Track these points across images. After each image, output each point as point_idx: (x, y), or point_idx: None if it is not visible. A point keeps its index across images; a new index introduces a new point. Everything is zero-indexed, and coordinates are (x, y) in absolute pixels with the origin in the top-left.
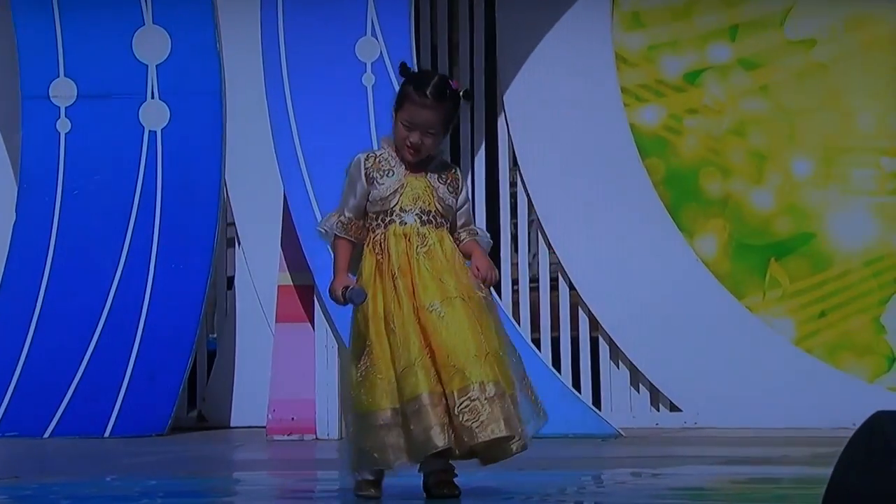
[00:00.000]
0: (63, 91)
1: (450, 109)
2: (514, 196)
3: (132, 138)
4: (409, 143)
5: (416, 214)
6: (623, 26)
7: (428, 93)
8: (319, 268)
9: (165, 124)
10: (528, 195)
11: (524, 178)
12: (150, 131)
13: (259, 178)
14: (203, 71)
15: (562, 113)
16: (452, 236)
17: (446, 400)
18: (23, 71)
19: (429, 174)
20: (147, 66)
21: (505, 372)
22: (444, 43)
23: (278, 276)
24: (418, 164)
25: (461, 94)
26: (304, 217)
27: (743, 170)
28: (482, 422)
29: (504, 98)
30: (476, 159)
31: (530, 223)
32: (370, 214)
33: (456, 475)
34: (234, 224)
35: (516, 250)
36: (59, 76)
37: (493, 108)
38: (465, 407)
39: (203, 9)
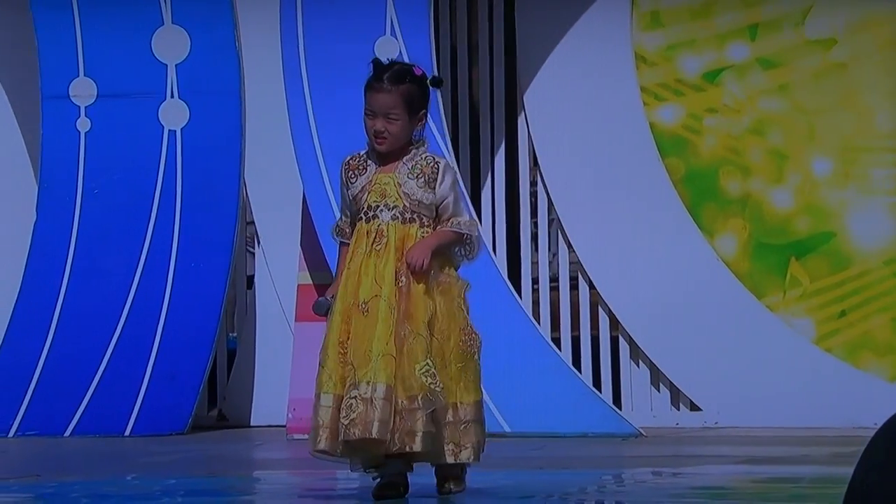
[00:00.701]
0: (83, 90)
1: (412, 93)
2: (534, 195)
3: (152, 138)
4: (373, 132)
5: (381, 211)
6: (642, 26)
7: (384, 77)
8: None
9: (185, 123)
10: (548, 194)
11: (544, 178)
12: (169, 130)
13: (278, 178)
14: (222, 70)
15: (581, 112)
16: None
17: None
18: (43, 70)
19: (398, 169)
20: (166, 65)
21: (410, 377)
22: (464, 43)
23: (298, 275)
24: (390, 159)
25: (428, 79)
26: (324, 216)
27: (762, 169)
28: (353, 420)
29: (524, 98)
30: (496, 159)
31: (550, 222)
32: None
33: (402, 475)
34: (253, 223)
35: (536, 249)
36: (78, 76)
37: (512, 108)
38: (346, 404)
39: (222, 8)
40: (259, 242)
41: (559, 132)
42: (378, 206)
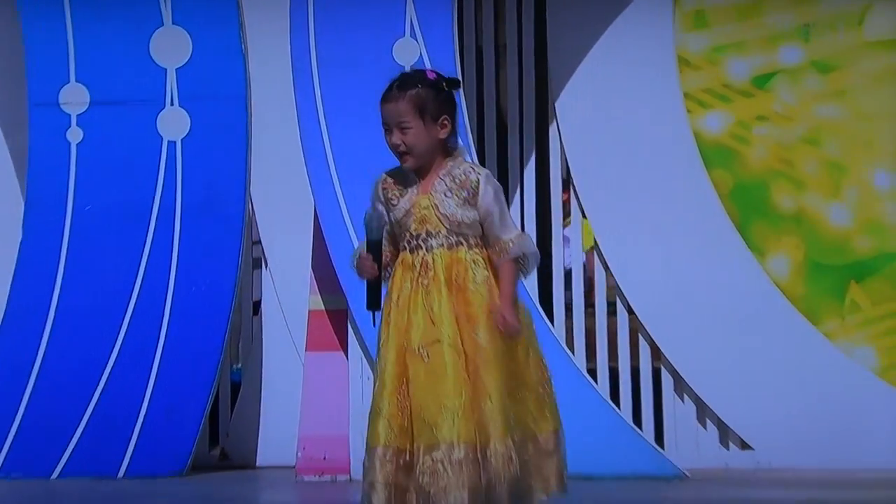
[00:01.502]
0: (74, 97)
1: (423, 97)
2: (567, 213)
3: (149, 149)
4: (392, 147)
5: (423, 240)
6: (685, 26)
7: (393, 85)
8: (354, 290)
9: (185, 133)
10: (582, 211)
11: (578, 193)
12: (168, 141)
13: (287, 193)
14: (227, 75)
15: (619, 121)
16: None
17: (411, 456)
18: (30, 75)
19: (434, 187)
20: (166, 69)
21: (489, 427)
22: (490, 45)
23: (309, 299)
24: (427, 174)
25: (444, 82)
26: (337, 235)
27: (818, 182)
28: (442, 488)
29: (556, 105)
30: (525, 172)
31: (585, 235)
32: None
33: None
34: (260, 243)
35: (570, 272)
36: (69, 81)
37: (543, 116)
38: (427, 467)
39: (227, 7)
40: (266, 264)
41: (595, 143)
42: (420, 235)
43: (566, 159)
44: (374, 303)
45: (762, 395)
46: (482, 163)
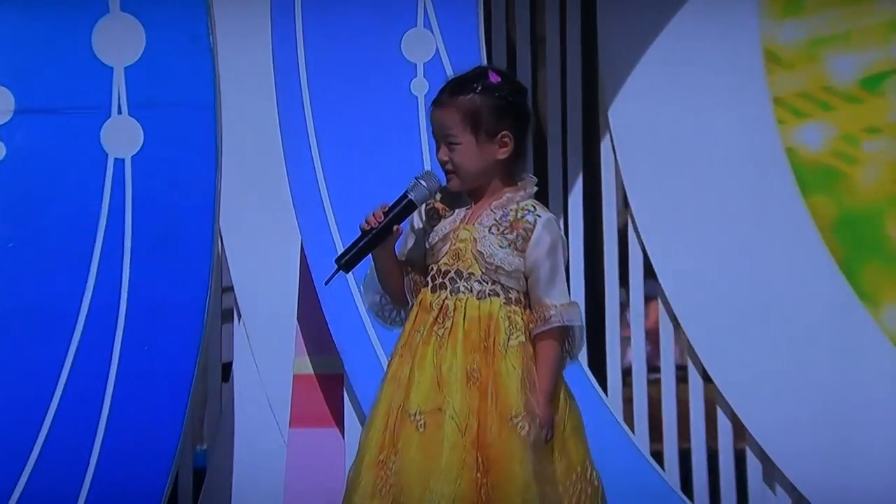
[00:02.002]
0: None
1: (478, 105)
2: (623, 248)
3: (91, 169)
4: (440, 164)
5: (451, 279)
6: (775, 12)
7: (445, 88)
8: (351, 350)
9: (137, 150)
10: (642, 247)
11: (637, 223)
12: (115, 159)
13: (267, 227)
14: (191, 76)
15: (690, 134)
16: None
17: None
18: None
19: (480, 218)
20: (112, 68)
21: None
22: (525, 37)
23: (294, 361)
24: (479, 202)
25: (510, 87)
26: (325, 276)
27: None
28: None
29: (609, 113)
30: (570, 196)
31: (647, 286)
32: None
33: None
34: (231, 290)
35: (628, 325)
36: None
37: (593, 126)
38: None
39: None
40: (240, 316)
41: (660, 161)
42: (448, 272)
43: (622, 182)
44: (347, 259)
45: (874, 486)
46: None
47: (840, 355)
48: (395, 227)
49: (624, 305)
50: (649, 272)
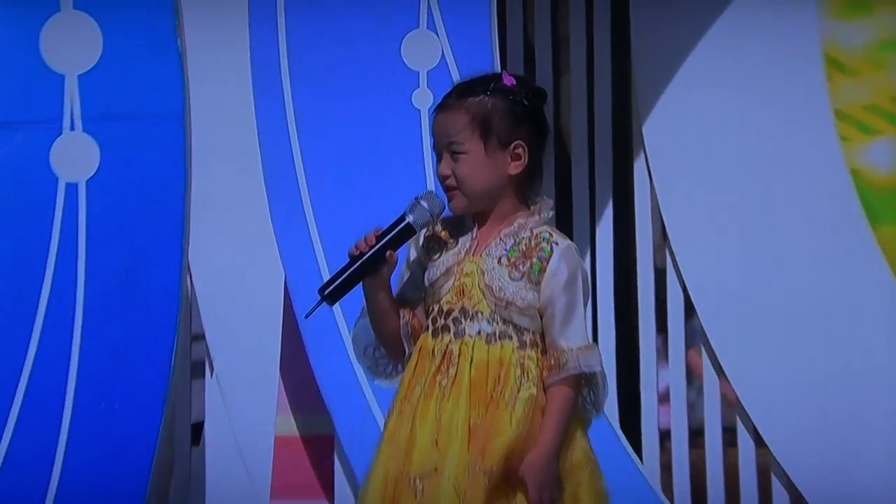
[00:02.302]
0: None
1: (490, 108)
2: (660, 286)
3: (38, 194)
4: (440, 180)
5: (455, 319)
6: (838, 11)
7: (452, 92)
8: (342, 407)
9: (92, 172)
10: (683, 285)
11: (677, 258)
12: (67, 183)
13: (244, 260)
14: (155, 85)
15: (739, 153)
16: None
17: None
18: None
19: (488, 248)
20: (63, 76)
21: None
22: (546, 39)
23: (276, 421)
24: (486, 228)
25: (527, 92)
26: (318, 324)
27: None
28: None
29: (643, 128)
30: (599, 226)
31: (688, 332)
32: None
33: None
34: (203, 338)
35: (666, 366)
36: None
37: (625, 143)
38: None
39: None
40: (212, 369)
41: (701, 185)
42: (451, 312)
43: (659, 209)
44: (333, 289)
45: None
46: None
47: None
48: (388, 254)
49: (661, 354)
50: (691, 315)
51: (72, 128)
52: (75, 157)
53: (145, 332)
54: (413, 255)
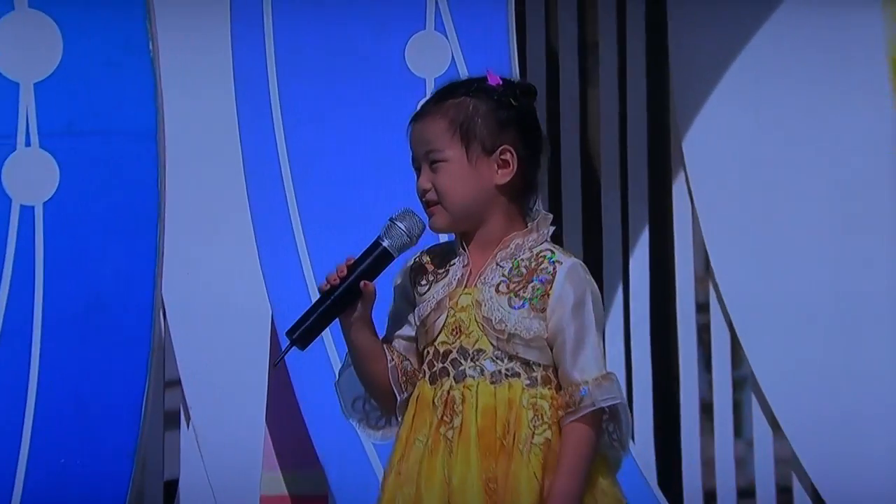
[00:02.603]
0: None
1: (470, 110)
2: (703, 326)
3: None
4: (419, 195)
5: (454, 361)
6: None
7: (430, 98)
8: (338, 463)
9: (51, 194)
10: (730, 325)
11: (722, 294)
12: (22, 206)
13: (224, 295)
14: (124, 94)
15: (793, 171)
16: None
17: None
18: None
19: (483, 275)
20: (17, 84)
21: None
22: (572, 44)
23: (261, 477)
24: (479, 253)
25: (513, 90)
26: (308, 363)
27: None
28: None
29: (683, 145)
30: (633, 257)
31: (736, 378)
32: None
33: None
34: (179, 384)
35: (711, 431)
36: None
37: (662, 160)
38: None
39: None
40: (188, 419)
41: (749, 206)
42: (449, 353)
43: (702, 237)
44: (302, 331)
45: None
46: (559, 231)
47: None
48: (362, 284)
49: (706, 404)
50: (738, 359)
51: (27, 143)
52: (31, 177)
53: (111, 378)
54: (399, 289)
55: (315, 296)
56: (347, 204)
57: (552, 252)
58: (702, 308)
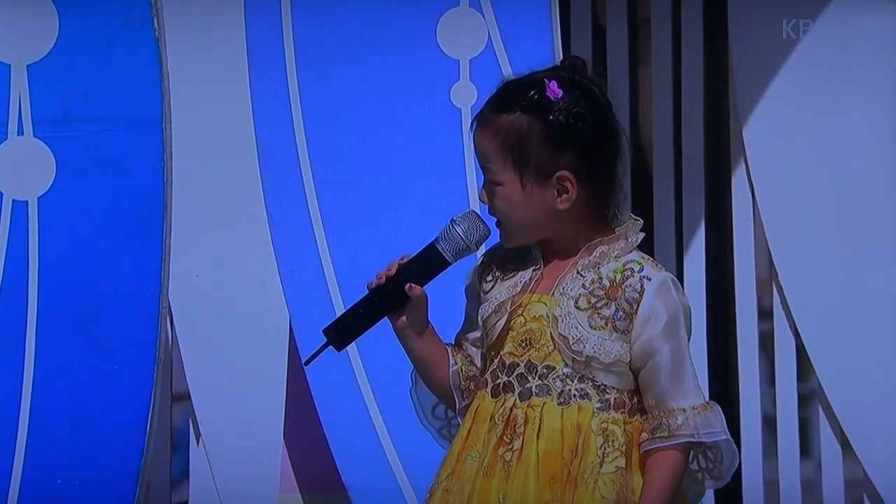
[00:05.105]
0: None
1: (522, 134)
2: (767, 335)
3: None
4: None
5: (520, 376)
6: None
7: (490, 101)
8: (363, 486)
9: (46, 188)
10: (796, 334)
11: (788, 299)
12: (14, 201)
13: (237, 300)
14: (125, 78)
15: (867, 164)
16: (635, 423)
17: None
18: None
19: (562, 284)
20: (9, 66)
21: None
22: (620, 22)
23: (277, 499)
24: (558, 257)
25: (574, 106)
26: (333, 376)
27: None
28: None
29: (744, 134)
30: (688, 254)
31: (802, 392)
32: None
33: None
34: (189, 398)
35: (774, 435)
36: None
37: (720, 150)
38: None
39: None
40: (198, 437)
41: (819, 202)
42: (516, 367)
43: (764, 234)
44: (340, 330)
45: None
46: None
47: None
48: (408, 287)
49: (769, 421)
50: (805, 372)
51: (19, 132)
52: (24, 168)
53: (113, 391)
54: (469, 288)
55: (337, 299)
56: (373, 200)
57: (641, 264)
58: (764, 315)
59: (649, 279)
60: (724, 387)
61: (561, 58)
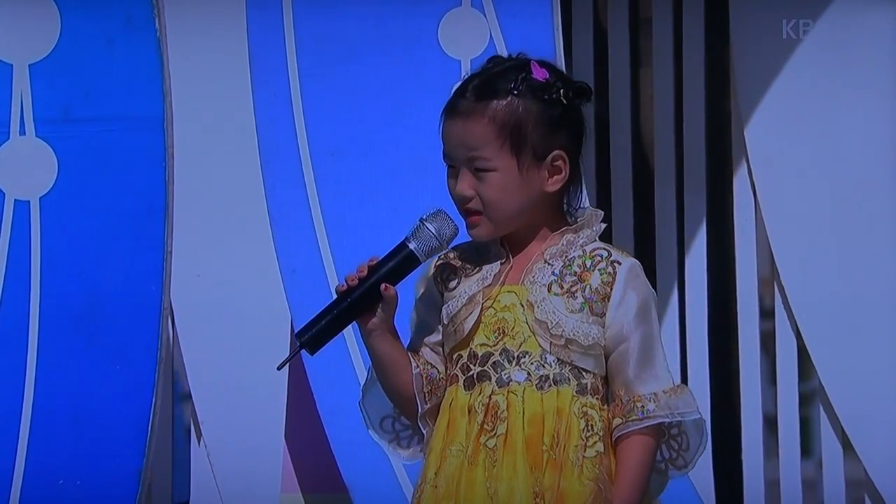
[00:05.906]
0: None
1: (521, 114)
2: (768, 337)
3: None
4: (458, 202)
5: (495, 365)
6: None
7: (468, 87)
8: (364, 486)
9: (48, 188)
10: (798, 334)
11: (790, 300)
12: (16, 201)
13: (239, 299)
14: (127, 78)
15: (869, 163)
16: (609, 409)
17: None
18: None
19: (530, 273)
20: (11, 66)
21: None
22: (622, 20)
23: (279, 499)
24: (521, 249)
25: (565, 88)
26: (334, 377)
27: None
28: None
29: (746, 134)
30: (689, 259)
31: (804, 392)
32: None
33: None
34: (189, 397)
35: (775, 435)
36: None
37: (721, 149)
38: None
39: None
40: (200, 437)
41: (820, 201)
42: (489, 356)
43: (766, 233)
44: (313, 334)
45: None
46: (609, 229)
47: None
48: (383, 287)
49: (770, 420)
50: (806, 371)
51: (21, 132)
52: (26, 168)
53: (114, 391)
54: (424, 292)
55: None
56: (374, 200)
57: (607, 251)
58: (766, 314)
59: (619, 263)
60: (725, 386)
61: (562, 58)
